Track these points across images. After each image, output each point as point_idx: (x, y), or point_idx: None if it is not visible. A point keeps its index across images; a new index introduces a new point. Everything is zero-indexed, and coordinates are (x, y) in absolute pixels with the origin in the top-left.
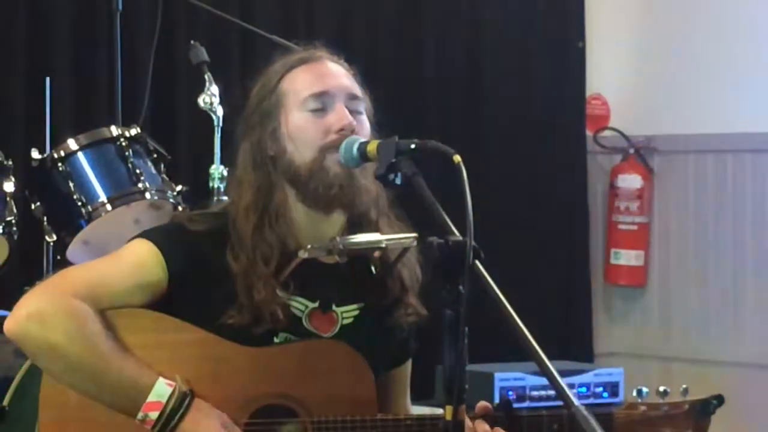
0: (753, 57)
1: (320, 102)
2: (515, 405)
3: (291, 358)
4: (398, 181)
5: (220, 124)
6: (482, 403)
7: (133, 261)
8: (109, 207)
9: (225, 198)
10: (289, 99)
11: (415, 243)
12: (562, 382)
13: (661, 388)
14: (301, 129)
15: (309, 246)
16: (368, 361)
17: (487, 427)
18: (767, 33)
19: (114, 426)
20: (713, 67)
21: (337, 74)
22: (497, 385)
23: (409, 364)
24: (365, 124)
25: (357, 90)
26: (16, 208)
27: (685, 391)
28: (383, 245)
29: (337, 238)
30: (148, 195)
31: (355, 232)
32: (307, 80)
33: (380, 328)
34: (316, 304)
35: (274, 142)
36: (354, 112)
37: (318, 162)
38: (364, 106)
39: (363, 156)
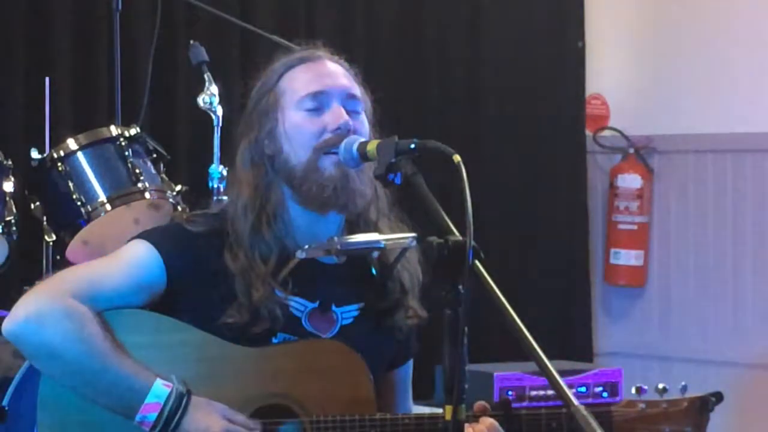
0: (753, 57)
1: (317, 102)
2: (515, 405)
3: (290, 358)
4: (398, 180)
5: (220, 123)
6: (480, 403)
7: (131, 262)
8: (108, 207)
9: (225, 198)
10: (287, 98)
11: (414, 243)
12: (562, 381)
13: (660, 385)
14: (297, 128)
15: (307, 246)
16: (367, 361)
17: (482, 426)
18: (767, 33)
19: (113, 427)
20: (713, 67)
21: (335, 74)
22: (497, 385)
23: (410, 364)
24: (364, 124)
25: (355, 90)
26: (16, 208)
27: (684, 389)
28: (381, 245)
29: (335, 238)
30: (147, 195)
31: (354, 233)
32: (305, 80)
33: (379, 329)
34: (316, 305)
35: (271, 141)
36: (351, 112)
37: (313, 162)
38: (362, 106)
39: (362, 156)
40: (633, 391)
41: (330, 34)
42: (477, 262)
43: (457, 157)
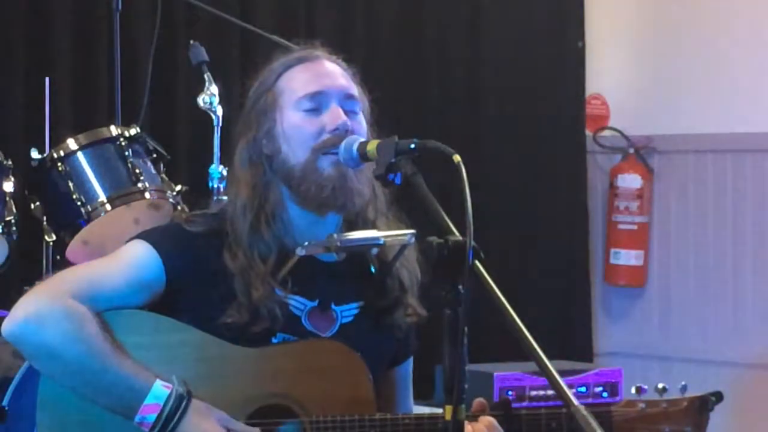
0: (753, 57)
1: (315, 102)
2: (515, 405)
3: (289, 358)
4: (398, 180)
5: (220, 123)
6: (478, 401)
7: (130, 262)
8: (108, 207)
9: (225, 198)
10: (285, 98)
11: (413, 239)
12: (562, 381)
13: (660, 385)
14: (296, 128)
15: (306, 243)
16: (367, 360)
17: (481, 426)
18: (767, 33)
19: (113, 427)
20: (712, 67)
21: (334, 74)
22: (497, 385)
23: (410, 362)
24: (362, 124)
25: (353, 90)
26: (16, 208)
27: (684, 388)
28: (381, 241)
29: (335, 235)
30: (147, 195)
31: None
32: (303, 80)
33: (379, 327)
34: (315, 303)
35: (269, 141)
36: (349, 113)
37: (311, 163)
38: (360, 106)
39: (362, 156)
40: (633, 391)
41: (330, 34)
42: (477, 262)
43: (457, 157)
